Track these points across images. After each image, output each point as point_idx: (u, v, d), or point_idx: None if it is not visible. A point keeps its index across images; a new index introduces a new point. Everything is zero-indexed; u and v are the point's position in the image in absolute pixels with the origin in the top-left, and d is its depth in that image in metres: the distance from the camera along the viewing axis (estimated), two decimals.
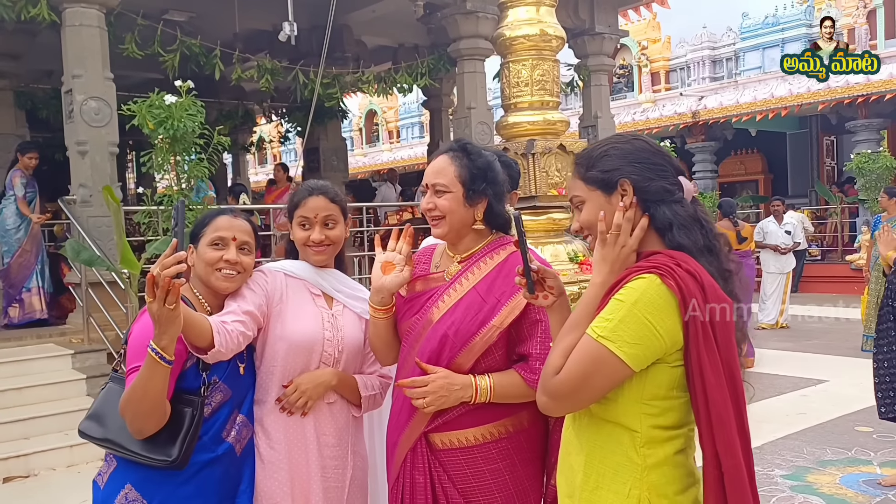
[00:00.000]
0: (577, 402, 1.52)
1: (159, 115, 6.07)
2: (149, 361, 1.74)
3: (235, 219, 2.12)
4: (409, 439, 1.98)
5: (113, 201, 5.53)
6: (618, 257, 1.53)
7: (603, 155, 1.60)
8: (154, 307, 1.65)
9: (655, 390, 1.48)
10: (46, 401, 5.50)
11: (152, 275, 1.62)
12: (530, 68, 5.61)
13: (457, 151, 2.04)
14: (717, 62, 18.43)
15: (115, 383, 2.01)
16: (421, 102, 22.35)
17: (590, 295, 1.55)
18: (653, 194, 1.55)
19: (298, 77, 8.23)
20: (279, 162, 8.40)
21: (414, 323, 2.03)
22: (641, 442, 1.49)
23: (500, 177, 2.06)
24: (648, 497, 1.48)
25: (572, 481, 1.59)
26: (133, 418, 1.82)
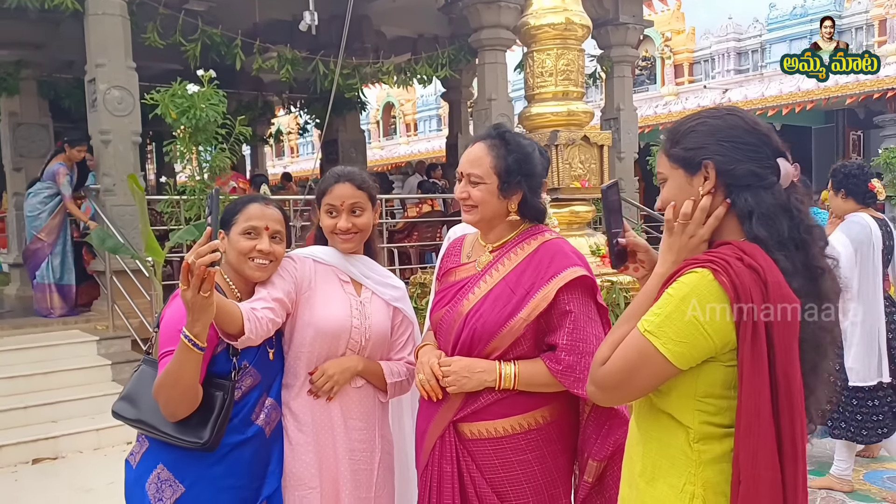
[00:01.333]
0: (624, 394, 1.49)
1: (182, 104, 6.19)
2: (181, 348, 1.79)
3: (267, 207, 2.15)
4: (437, 427, 2.00)
5: (138, 190, 5.64)
6: (685, 247, 1.46)
7: (690, 131, 1.49)
8: (188, 295, 1.69)
9: (709, 389, 1.43)
10: (73, 385, 5.65)
11: (187, 263, 1.65)
12: (555, 58, 5.59)
13: (494, 139, 2.03)
14: (743, 54, 18.19)
15: (148, 366, 2.07)
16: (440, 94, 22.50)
17: (649, 285, 1.50)
18: (739, 178, 1.43)
19: (318, 67, 8.32)
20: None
21: (445, 314, 2.05)
22: (695, 438, 1.45)
23: (537, 168, 2.04)
24: (703, 493, 1.44)
25: (632, 469, 1.58)
26: (166, 402, 1.88)
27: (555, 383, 1.91)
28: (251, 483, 2.05)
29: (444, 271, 2.19)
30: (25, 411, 5.30)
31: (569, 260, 1.96)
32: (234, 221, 2.10)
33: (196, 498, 1.96)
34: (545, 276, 1.93)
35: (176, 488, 1.96)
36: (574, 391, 1.90)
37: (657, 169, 1.58)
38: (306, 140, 26.64)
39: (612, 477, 1.96)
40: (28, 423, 5.23)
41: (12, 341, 6.01)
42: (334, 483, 2.15)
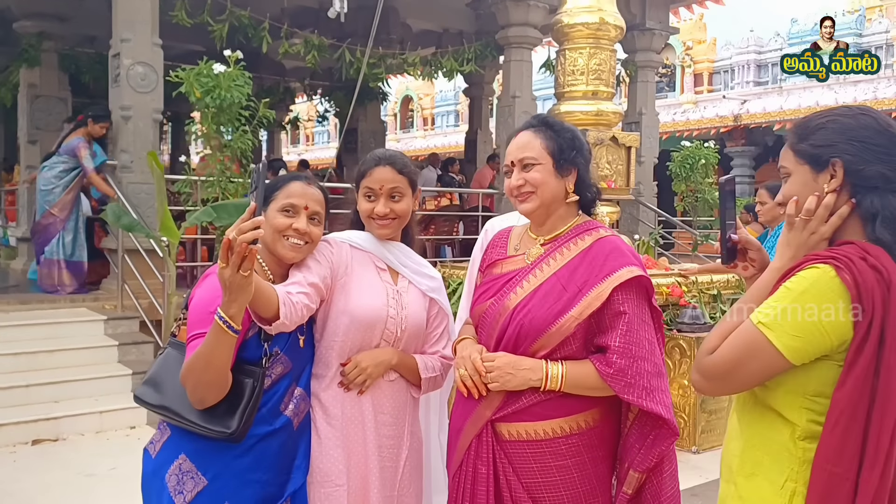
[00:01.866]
0: (729, 386, 1.46)
1: (207, 83, 5.97)
2: (215, 329, 1.65)
3: (309, 186, 2.02)
4: (474, 426, 1.87)
5: (157, 167, 5.41)
6: (804, 244, 1.43)
7: (819, 127, 1.45)
8: (226, 273, 1.55)
9: (820, 388, 1.37)
10: (77, 365, 5.40)
11: (228, 239, 1.52)
12: (587, 57, 5.42)
13: (538, 126, 1.94)
14: (763, 67, 18.05)
15: (174, 349, 1.94)
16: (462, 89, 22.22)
17: (765, 279, 1.46)
18: (867, 179, 1.39)
19: (345, 55, 8.10)
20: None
21: (490, 307, 1.92)
22: (801, 435, 1.41)
23: (586, 145, 1.95)
24: (804, 492, 1.39)
25: (729, 465, 1.53)
26: (195, 387, 1.75)
27: (603, 387, 1.78)
28: (277, 478, 1.90)
29: (488, 263, 2.05)
30: (27, 390, 5.05)
31: (625, 258, 1.83)
32: (274, 198, 1.97)
33: (218, 492, 1.82)
34: (600, 274, 1.80)
35: (198, 480, 1.82)
36: (624, 396, 1.77)
37: (781, 163, 1.53)
38: (323, 128, 26.46)
39: (651, 490, 1.83)
40: (29, 403, 4.99)
41: (18, 317, 5.76)
42: (363, 480, 2.00)
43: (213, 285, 1.78)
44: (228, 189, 6.22)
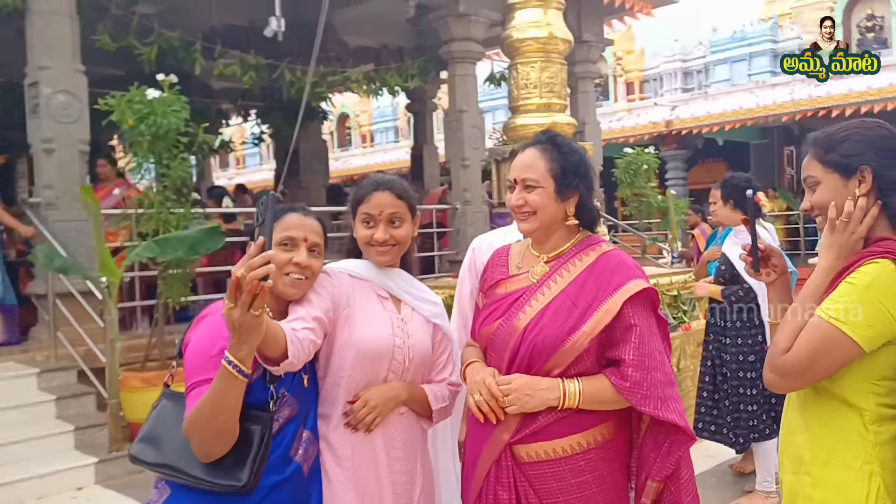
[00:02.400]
0: (805, 380, 1.54)
1: (140, 110, 5.46)
2: (223, 376, 1.53)
3: (306, 217, 1.91)
4: (492, 451, 1.83)
5: (93, 203, 4.86)
6: (846, 244, 1.55)
7: (845, 139, 1.59)
8: (236, 314, 1.44)
9: (885, 371, 1.50)
10: (11, 426, 4.78)
11: (237, 277, 1.41)
12: (539, 70, 5.31)
13: (545, 144, 1.90)
14: (689, 74, 18.51)
15: (169, 400, 1.82)
16: (401, 105, 21.90)
17: (818, 278, 1.57)
18: (892, 182, 1.55)
19: (284, 75, 7.64)
20: (104, 156, 7.29)
21: (499, 329, 1.87)
22: (871, 419, 1.51)
23: (590, 170, 1.94)
24: (881, 472, 1.50)
25: (798, 458, 1.60)
26: (201, 440, 1.61)
27: (619, 400, 1.78)
28: None
29: (490, 283, 2.00)
30: None
31: (631, 272, 1.84)
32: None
33: None
34: (608, 289, 1.81)
35: None
36: (641, 408, 1.77)
37: (807, 173, 1.65)
38: (254, 150, 25.64)
39: (670, 498, 1.83)
40: None
41: None
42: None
43: (211, 328, 1.70)
44: (169, 221, 5.71)
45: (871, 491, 1.50)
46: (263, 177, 22.92)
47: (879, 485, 1.50)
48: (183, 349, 1.78)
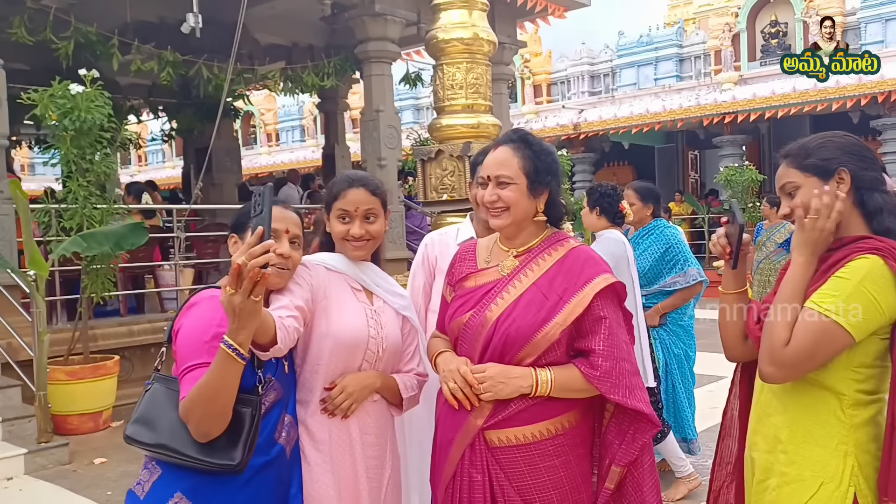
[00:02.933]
0: (802, 372, 1.70)
1: (64, 105, 5.73)
2: (222, 359, 1.64)
3: (286, 210, 2.04)
4: (466, 436, 1.96)
5: (22, 196, 5.11)
6: (818, 239, 1.71)
7: (821, 146, 1.79)
8: (237, 299, 1.56)
9: (864, 359, 1.68)
10: None
11: (238, 265, 1.53)
12: (464, 71, 5.64)
13: (517, 143, 2.02)
14: (596, 77, 19.40)
15: (161, 384, 1.90)
16: (308, 104, 22.10)
17: (797, 274, 1.74)
18: (867, 182, 1.74)
19: (202, 72, 7.94)
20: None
21: (471, 320, 2.00)
22: (848, 404, 1.70)
23: (559, 168, 2.08)
24: (855, 452, 1.69)
25: (774, 437, 1.79)
26: (200, 421, 1.72)
27: (589, 389, 1.91)
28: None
29: (459, 277, 2.13)
30: None
31: (599, 266, 1.99)
32: (250, 224, 1.96)
33: None
34: (578, 282, 1.94)
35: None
36: (609, 396, 1.91)
37: (786, 180, 1.82)
38: (156, 148, 25.26)
39: (633, 483, 1.97)
40: None
41: None
42: (355, 501, 2.07)
43: (202, 315, 1.82)
44: (94, 216, 5.98)
45: (845, 468, 1.68)
46: (167, 174, 22.66)
47: (853, 464, 1.67)
48: (173, 335, 1.88)
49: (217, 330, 1.76)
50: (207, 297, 1.88)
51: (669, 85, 17.94)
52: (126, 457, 5.30)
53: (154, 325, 7.16)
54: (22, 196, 5.14)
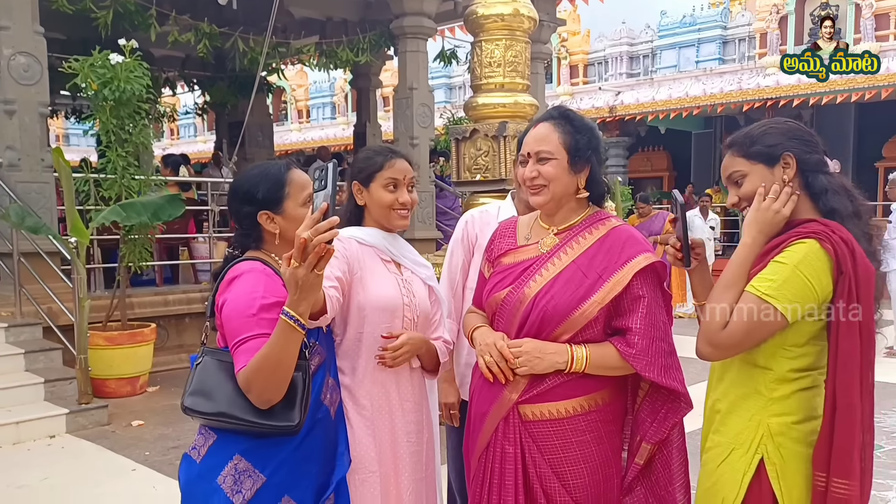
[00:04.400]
0: (738, 351, 1.81)
1: (104, 75, 5.93)
2: (284, 329, 1.71)
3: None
4: (501, 409, 2.02)
5: (65, 165, 5.33)
6: (770, 220, 1.80)
7: (765, 132, 1.88)
8: (300, 272, 1.62)
9: (796, 339, 1.79)
10: None
11: (304, 239, 1.57)
12: (503, 49, 5.62)
13: (558, 119, 2.06)
14: (635, 58, 19.21)
15: (210, 357, 1.98)
16: (338, 81, 22.25)
17: (741, 255, 1.83)
18: (811, 165, 1.84)
19: (238, 44, 8.11)
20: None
21: (509, 296, 2.05)
22: (772, 379, 1.81)
23: (602, 144, 2.10)
24: (768, 423, 1.80)
25: (714, 410, 1.94)
26: (263, 389, 1.81)
27: (624, 366, 1.96)
28: (325, 467, 2.01)
29: (498, 253, 2.18)
30: None
31: (641, 246, 2.02)
32: (287, 195, 2.03)
33: (277, 487, 1.91)
34: (618, 261, 1.98)
35: (256, 478, 1.89)
36: (645, 374, 1.95)
37: (732, 169, 1.90)
38: (188, 122, 25.62)
39: (662, 460, 2.04)
40: None
41: None
42: (394, 466, 2.19)
43: (245, 289, 1.87)
44: (132, 186, 6.21)
45: (756, 436, 1.80)
46: (199, 148, 22.99)
47: (764, 432, 1.80)
48: (216, 310, 1.94)
49: (263, 301, 1.85)
50: (248, 270, 1.93)
51: (711, 68, 17.70)
52: (163, 420, 5.56)
53: (188, 296, 7.41)
54: (65, 164, 5.36)
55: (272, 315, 1.78)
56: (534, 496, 1.98)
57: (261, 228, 2.03)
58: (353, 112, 19.51)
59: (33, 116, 6.36)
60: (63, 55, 7.25)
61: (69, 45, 9.00)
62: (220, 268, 2.03)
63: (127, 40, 6.28)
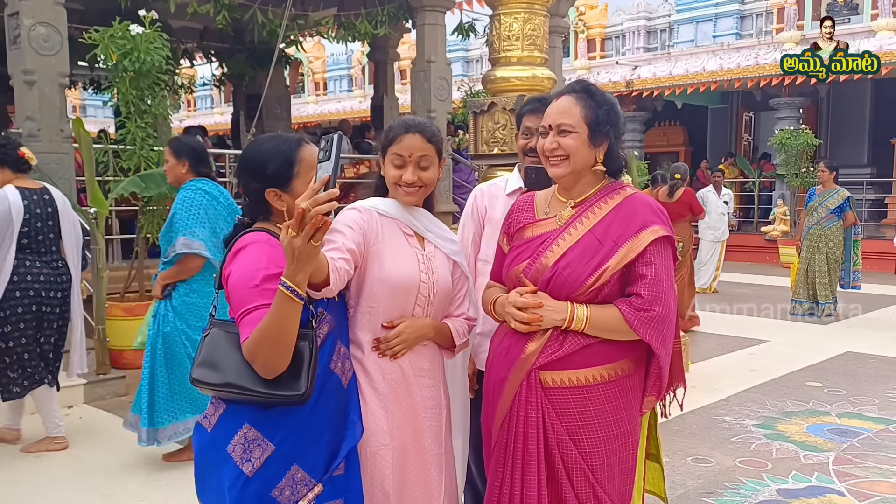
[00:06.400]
0: None
1: (124, 46, 5.82)
2: (282, 299, 1.70)
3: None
4: (519, 373, 2.04)
5: (86, 135, 5.25)
6: None
7: None
8: (297, 242, 1.60)
9: None
10: None
11: (303, 209, 1.56)
12: (522, 22, 5.55)
13: (580, 93, 2.07)
14: (652, 33, 18.96)
15: (218, 328, 1.97)
16: (355, 53, 22.06)
17: None
18: None
19: (257, 16, 7.97)
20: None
21: (527, 267, 2.08)
22: None
23: (621, 119, 2.10)
24: None
25: None
26: (267, 359, 1.80)
27: (625, 329, 1.98)
28: (335, 436, 1.98)
29: (517, 227, 2.19)
30: None
31: (654, 215, 2.04)
32: (296, 174, 2.00)
33: (286, 455, 1.89)
34: (632, 229, 2.01)
35: (265, 447, 1.88)
36: (644, 338, 1.98)
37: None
38: (205, 94, 25.50)
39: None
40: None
41: None
42: (416, 440, 2.16)
43: (249, 259, 1.87)
44: (151, 158, 6.12)
45: None
46: (216, 120, 22.91)
47: None
48: (223, 281, 1.95)
49: (265, 272, 1.83)
50: (252, 241, 1.93)
51: (728, 43, 17.46)
52: None
53: None
54: (86, 135, 5.28)
55: (276, 286, 1.74)
56: (552, 461, 2.02)
57: (268, 203, 2.01)
58: (370, 85, 19.34)
59: (53, 87, 6.25)
60: (81, 26, 7.13)
61: (87, 16, 8.89)
62: (230, 235, 2.03)
63: (147, 11, 6.17)
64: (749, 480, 4.02)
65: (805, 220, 9.12)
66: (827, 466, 4.22)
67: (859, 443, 4.61)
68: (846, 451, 4.47)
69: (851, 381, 6.09)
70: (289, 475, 1.89)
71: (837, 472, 4.13)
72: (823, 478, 4.06)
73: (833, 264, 8.77)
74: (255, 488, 1.86)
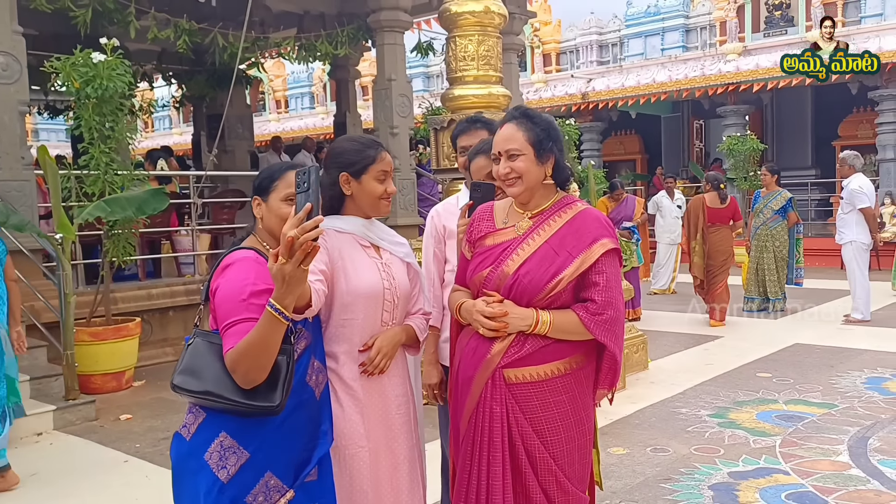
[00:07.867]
0: None
1: (86, 73, 5.80)
2: (268, 319, 1.77)
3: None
4: (485, 372, 2.18)
5: (51, 162, 5.21)
6: None
7: None
8: (288, 268, 1.68)
9: None
10: None
11: (291, 237, 1.64)
12: (476, 44, 5.75)
13: (520, 118, 2.23)
14: (604, 47, 19.29)
15: (201, 339, 2.03)
16: (315, 72, 22.02)
17: None
18: None
19: (217, 40, 7.97)
20: None
21: (490, 274, 2.22)
22: None
23: (560, 134, 2.27)
24: None
25: None
26: (247, 371, 1.87)
27: (582, 332, 2.16)
28: (307, 444, 2.07)
29: (478, 236, 2.33)
30: None
31: (604, 229, 2.22)
32: (274, 188, 2.11)
33: (260, 462, 1.97)
34: (585, 242, 2.17)
35: (240, 454, 1.95)
36: (599, 339, 2.16)
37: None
38: (163, 115, 25.22)
39: None
40: None
41: None
42: (387, 438, 2.27)
43: (237, 275, 1.96)
44: (115, 182, 6.09)
45: None
46: (174, 140, 22.66)
47: None
48: (210, 294, 2.02)
49: (252, 288, 1.92)
50: (241, 259, 2.02)
51: (676, 55, 17.85)
52: (151, 413, 5.49)
53: (172, 290, 7.30)
54: (51, 162, 5.23)
55: (261, 301, 1.83)
56: (515, 452, 2.16)
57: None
58: (331, 101, 19.32)
59: (13, 115, 6.18)
60: (36, 52, 7.07)
61: (41, 41, 8.79)
62: (222, 253, 2.13)
63: (106, 38, 6.15)
64: (703, 466, 4.18)
65: (752, 222, 9.42)
66: (774, 449, 4.41)
67: (804, 426, 4.81)
68: (791, 434, 4.67)
69: (798, 371, 6.32)
70: (262, 481, 1.96)
71: (783, 454, 4.33)
72: (771, 459, 4.26)
73: (780, 262, 9.11)
74: (230, 494, 1.93)
